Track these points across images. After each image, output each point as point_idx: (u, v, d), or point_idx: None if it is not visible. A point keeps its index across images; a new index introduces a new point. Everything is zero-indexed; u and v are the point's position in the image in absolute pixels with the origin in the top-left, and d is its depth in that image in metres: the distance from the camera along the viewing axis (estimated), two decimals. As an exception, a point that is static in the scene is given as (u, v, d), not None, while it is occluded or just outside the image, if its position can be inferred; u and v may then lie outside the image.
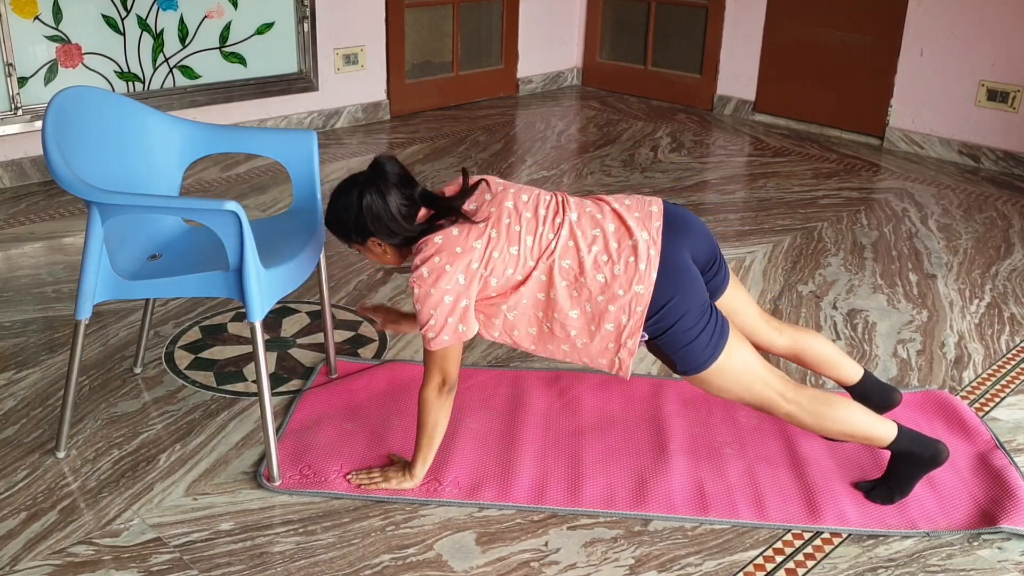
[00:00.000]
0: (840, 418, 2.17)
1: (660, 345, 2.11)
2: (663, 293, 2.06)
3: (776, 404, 2.17)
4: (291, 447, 2.36)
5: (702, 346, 2.09)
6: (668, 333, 2.08)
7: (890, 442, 2.18)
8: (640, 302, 2.05)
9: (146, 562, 2.00)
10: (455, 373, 2.14)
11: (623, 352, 2.10)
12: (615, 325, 2.07)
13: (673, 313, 2.06)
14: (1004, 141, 4.90)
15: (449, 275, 2.03)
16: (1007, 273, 3.60)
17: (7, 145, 4.19)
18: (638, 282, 2.05)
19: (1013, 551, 2.10)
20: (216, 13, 4.68)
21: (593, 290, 2.06)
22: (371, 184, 2.07)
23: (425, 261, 2.05)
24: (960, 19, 4.89)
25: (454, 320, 2.05)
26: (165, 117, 2.49)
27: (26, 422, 2.48)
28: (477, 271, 2.05)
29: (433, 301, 2.04)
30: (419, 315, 2.07)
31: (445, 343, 2.07)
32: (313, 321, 3.06)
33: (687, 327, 2.07)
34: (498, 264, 2.06)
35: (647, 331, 2.09)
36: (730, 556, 2.07)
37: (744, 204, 4.32)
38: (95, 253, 2.14)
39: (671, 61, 6.17)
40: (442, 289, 2.03)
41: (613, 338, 2.09)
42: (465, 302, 2.06)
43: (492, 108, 5.95)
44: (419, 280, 2.05)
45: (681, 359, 2.11)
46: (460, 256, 2.04)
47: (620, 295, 2.06)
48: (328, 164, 4.64)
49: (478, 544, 2.08)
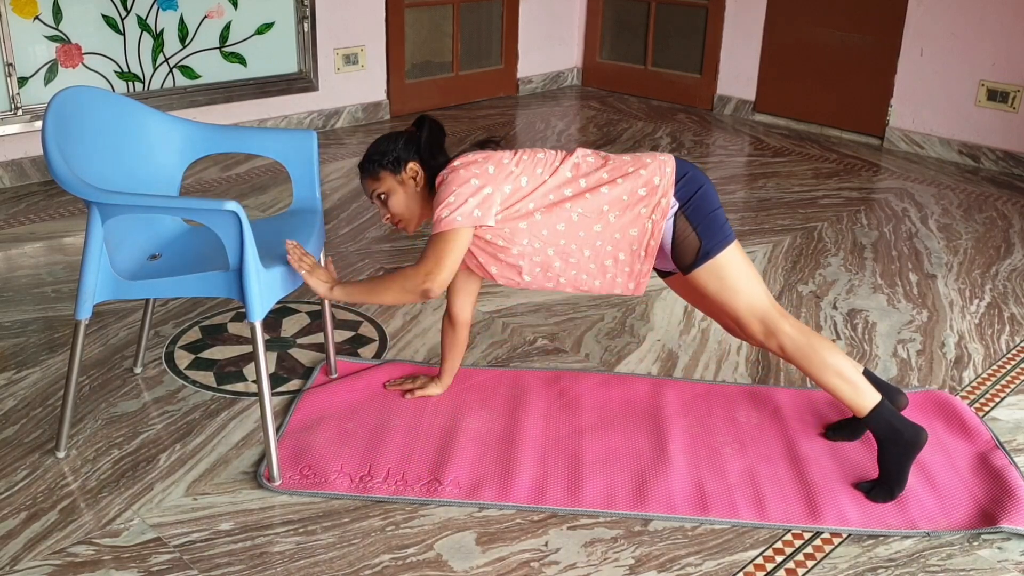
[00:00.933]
0: (830, 362, 2.21)
1: (689, 215, 2.21)
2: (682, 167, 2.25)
3: (777, 322, 2.24)
4: (291, 447, 2.36)
5: (722, 219, 2.24)
6: (695, 197, 2.21)
7: (872, 407, 2.20)
8: (669, 164, 2.22)
9: (146, 562, 2.00)
10: (446, 276, 2.19)
11: (656, 213, 2.19)
12: (648, 188, 2.20)
13: (695, 180, 2.23)
14: (1004, 141, 4.90)
15: (481, 164, 2.18)
16: (1007, 273, 3.60)
17: (7, 145, 4.19)
18: (661, 154, 2.26)
19: (1013, 551, 2.10)
20: (216, 13, 4.68)
21: (620, 164, 2.23)
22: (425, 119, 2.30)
23: (459, 157, 2.23)
24: (960, 19, 4.89)
25: (475, 201, 2.14)
26: (165, 117, 2.49)
27: (26, 422, 2.48)
28: (508, 166, 2.19)
29: (459, 180, 2.16)
30: (439, 197, 2.17)
31: (456, 224, 2.12)
32: (313, 321, 3.06)
33: (710, 195, 2.24)
34: (527, 165, 2.22)
35: (677, 196, 2.21)
36: (730, 556, 2.07)
37: (744, 204, 4.32)
38: (95, 253, 2.14)
39: (671, 61, 6.17)
40: (472, 172, 2.17)
41: (646, 201, 2.20)
42: (489, 189, 2.16)
43: (492, 108, 5.95)
44: (450, 168, 2.20)
45: (706, 229, 2.21)
46: (491, 154, 2.23)
47: (648, 162, 2.22)
48: (328, 164, 4.64)
49: (478, 544, 2.08)
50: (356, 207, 4.09)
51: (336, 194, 4.26)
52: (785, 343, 2.24)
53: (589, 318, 3.14)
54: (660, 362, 2.87)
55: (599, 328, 3.08)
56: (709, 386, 2.72)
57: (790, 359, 2.27)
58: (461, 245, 2.17)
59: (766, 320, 2.25)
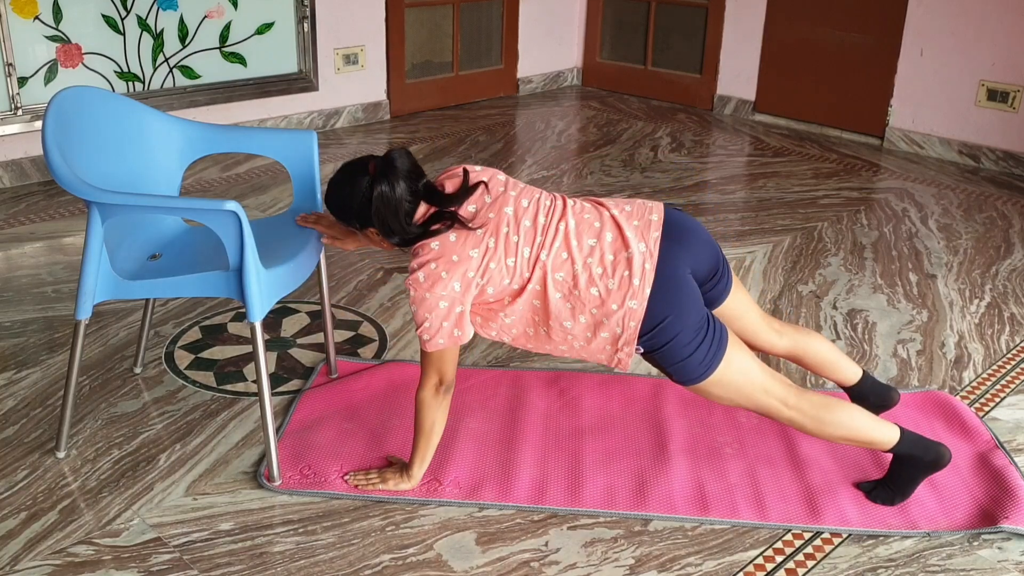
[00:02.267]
0: (842, 423, 2.17)
1: (656, 358, 2.11)
2: (658, 311, 2.04)
3: (777, 411, 2.17)
4: (291, 447, 2.36)
5: (698, 361, 2.08)
6: (663, 349, 2.07)
7: (892, 446, 2.18)
8: (634, 317, 2.04)
9: (146, 562, 2.00)
10: (452, 373, 2.14)
11: (621, 354, 2.10)
12: (610, 334, 2.07)
13: (668, 332, 2.05)
14: (1004, 141, 4.90)
15: (445, 282, 2.02)
16: (1007, 273, 3.60)
17: (7, 145, 4.19)
18: (631, 297, 2.04)
19: (1013, 551, 2.10)
20: (216, 13, 4.68)
21: (587, 303, 2.06)
22: (383, 177, 2.04)
23: (422, 266, 2.04)
24: (960, 19, 4.89)
25: (449, 324, 2.05)
26: (165, 117, 2.49)
27: (26, 422, 2.48)
28: (473, 279, 2.04)
29: (429, 305, 2.04)
30: (415, 317, 2.07)
31: (441, 346, 2.07)
32: (313, 321, 3.06)
33: (682, 344, 2.06)
34: (495, 275, 2.05)
35: (642, 345, 2.08)
36: (730, 556, 2.07)
37: (744, 204, 4.32)
38: (95, 253, 2.14)
39: (671, 61, 6.17)
40: (438, 295, 2.03)
41: (610, 343, 2.09)
42: (460, 308, 2.05)
43: (492, 108, 5.95)
44: (415, 284, 2.04)
45: (677, 372, 2.11)
46: (456, 264, 2.03)
47: (614, 309, 2.05)
48: (328, 164, 4.64)
49: (478, 544, 2.08)
50: (356, 207, 4.08)
51: (336, 194, 4.25)
52: (787, 424, 2.21)
53: (589, 318, 3.14)
54: (660, 362, 2.87)
55: (599, 328, 3.08)
56: (709, 386, 2.71)
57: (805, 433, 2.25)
58: (451, 353, 2.11)
59: (766, 412, 2.19)
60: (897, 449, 2.19)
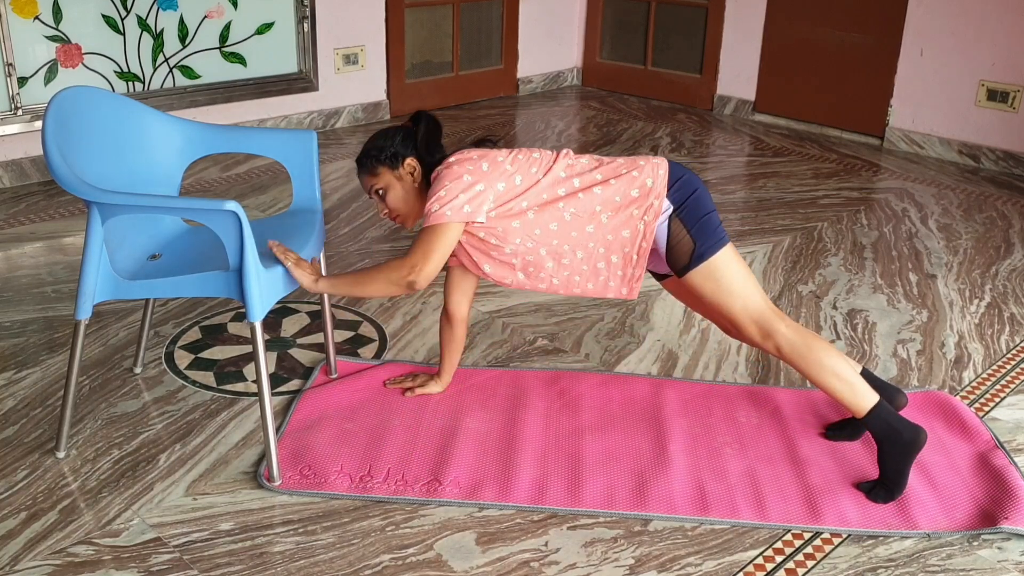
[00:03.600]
0: (826, 363, 2.21)
1: (683, 217, 2.21)
2: (677, 171, 2.26)
3: (774, 323, 2.24)
4: (291, 447, 2.36)
5: (716, 222, 2.24)
6: (689, 200, 2.22)
7: (871, 406, 2.20)
8: (661, 166, 2.23)
9: (146, 562, 2.00)
10: (432, 269, 2.20)
11: (649, 214, 2.20)
12: (640, 190, 2.21)
13: (689, 184, 2.24)
14: (1004, 141, 4.90)
15: (475, 161, 2.21)
16: (1007, 273, 3.60)
17: (7, 145, 4.19)
18: (654, 157, 2.27)
19: (1013, 551, 2.10)
20: (216, 13, 4.68)
21: (614, 166, 2.24)
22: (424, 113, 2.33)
23: (455, 154, 2.24)
24: (960, 19, 4.89)
25: (465, 197, 2.15)
26: (165, 117, 2.49)
27: (26, 422, 2.48)
28: (502, 164, 2.21)
29: (452, 176, 2.17)
30: (432, 192, 2.19)
31: (446, 218, 2.14)
32: (313, 321, 3.06)
33: (704, 198, 2.25)
34: (522, 163, 2.23)
35: (671, 198, 2.22)
36: (730, 556, 2.07)
37: (744, 204, 4.32)
38: (95, 253, 2.14)
39: (671, 61, 6.17)
40: (465, 168, 2.18)
41: (639, 203, 2.20)
42: (482, 186, 2.16)
43: (492, 108, 5.95)
44: (445, 165, 2.21)
45: (700, 232, 2.21)
46: (487, 152, 2.23)
47: (642, 164, 2.23)
48: (328, 164, 4.64)
49: (478, 544, 2.08)
50: (356, 207, 4.09)
51: (336, 194, 4.26)
52: (781, 344, 2.24)
53: (589, 318, 3.14)
54: (660, 362, 2.87)
55: (599, 328, 3.08)
56: (709, 386, 2.72)
57: (787, 360, 2.27)
58: (450, 240, 2.18)
59: (762, 322, 2.25)
60: (875, 413, 2.20)
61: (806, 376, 2.27)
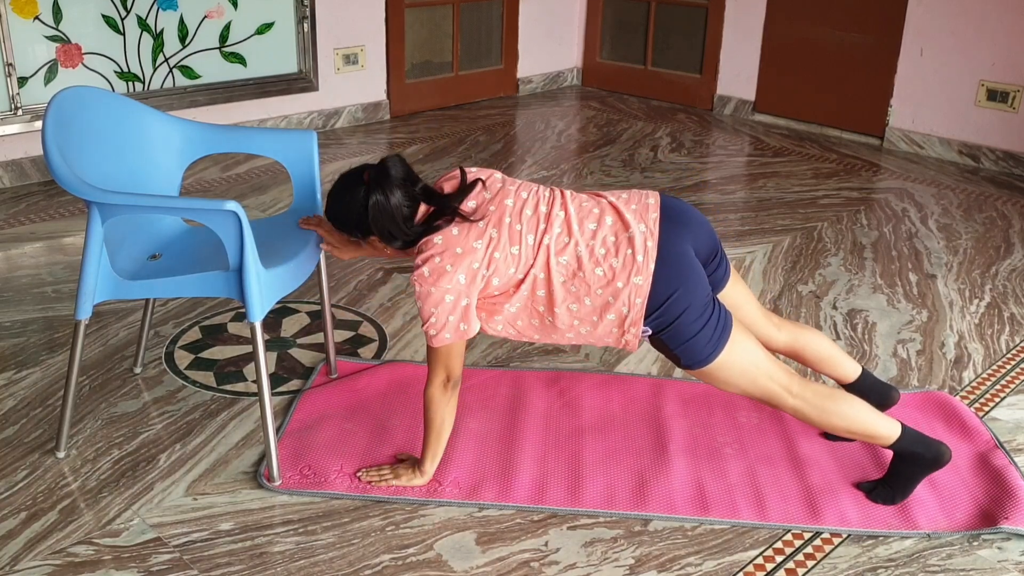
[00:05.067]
0: (845, 414, 2.18)
1: (663, 339, 2.12)
2: (664, 286, 2.06)
3: (781, 399, 2.17)
4: (291, 447, 2.36)
5: (705, 340, 2.09)
6: (671, 328, 2.08)
7: (893, 441, 2.18)
8: (639, 293, 2.06)
9: (146, 562, 2.00)
10: (459, 369, 2.15)
11: (628, 335, 2.12)
12: (616, 315, 2.09)
13: (676, 307, 2.07)
14: (1004, 141, 4.90)
15: (450, 275, 2.03)
16: (1007, 273, 3.60)
17: (7, 145, 4.19)
18: (636, 273, 2.05)
19: (1013, 551, 2.10)
20: (216, 13, 4.68)
21: (592, 284, 2.07)
22: (377, 186, 2.07)
23: (426, 261, 2.05)
24: (960, 19, 4.89)
25: (455, 318, 2.06)
26: (165, 117, 2.49)
27: (26, 422, 2.48)
28: (479, 271, 2.05)
29: (434, 300, 2.05)
30: (421, 312, 2.08)
31: (447, 341, 2.08)
32: (313, 321, 3.06)
33: (690, 321, 2.08)
34: (500, 264, 2.07)
35: (649, 325, 2.10)
36: (730, 556, 2.07)
37: (744, 204, 4.32)
38: (95, 253, 2.14)
39: (671, 61, 6.17)
40: (443, 288, 2.04)
41: (616, 325, 2.11)
42: (466, 301, 2.06)
43: (492, 108, 5.95)
44: (420, 279, 2.05)
45: (684, 354, 2.12)
46: (461, 257, 2.04)
47: (620, 287, 2.06)
48: (328, 164, 4.64)
49: (478, 544, 2.08)
50: (356, 207, 4.08)
51: (336, 194, 4.25)
52: (791, 414, 2.22)
53: (589, 318, 3.14)
54: (660, 362, 2.87)
55: (599, 328, 3.08)
56: (709, 386, 2.71)
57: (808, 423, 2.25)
58: (458, 348, 2.12)
59: (770, 400, 2.20)
60: (898, 445, 2.19)
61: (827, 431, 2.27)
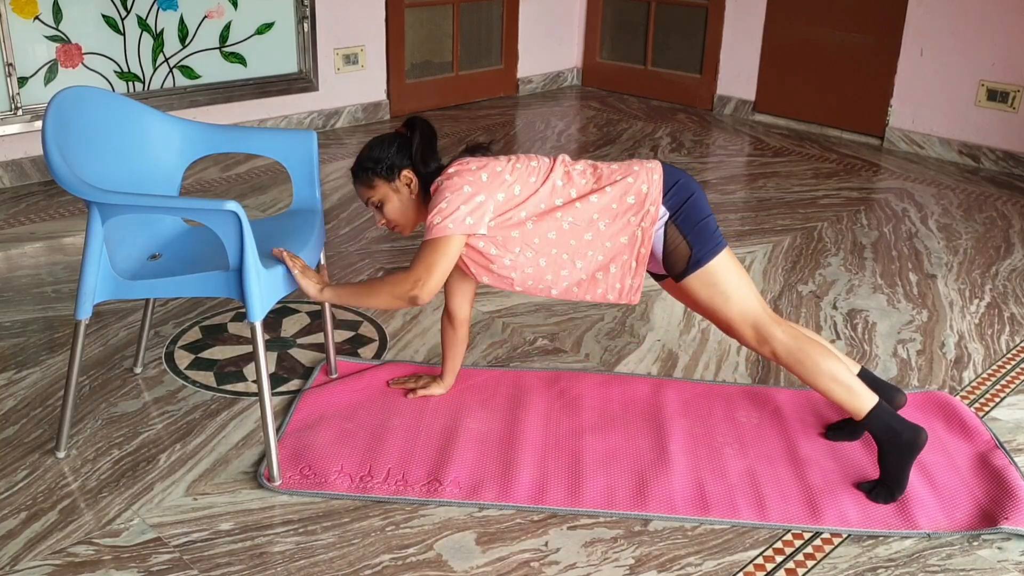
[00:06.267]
0: (823, 367, 2.22)
1: (679, 223, 2.21)
2: (672, 175, 2.25)
3: (770, 329, 2.24)
4: (291, 447, 2.36)
5: (713, 226, 2.25)
6: (685, 206, 2.22)
7: (870, 408, 2.20)
8: (656, 170, 2.23)
9: (146, 562, 2.00)
10: (435, 283, 2.19)
11: (646, 220, 2.20)
12: (636, 197, 2.21)
13: (685, 188, 2.24)
14: (1004, 141, 4.90)
15: (475, 172, 2.18)
16: (1007, 273, 3.60)
17: (7, 145, 4.19)
18: (648, 161, 2.27)
19: (1013, 551, 2.10)
20: (216, 13, 4.68)
21: (609, 174, 2.24)
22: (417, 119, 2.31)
23: (454, 163, 2.23)
24: (960, 19, 4.89)
25: (466, 209, 2.14)
26: (165, 117, 2.49)
27: (26, 422, 2.48)
28: (502, 174, 2.20)
29: (452, 187, 2.16)
30: (433, 204, 2.18)
31: (448, 231, 2.13)
32: (313, 321, 3.06)
33: (700, 203, 2.25)
34: (522, 173, 2.22)
35: (666, 204, 2.22)
36: (730, 556, 2.07)
37: (744, 204, 4.32)
38: (95, 253, 2.14)
39: (671, 61, 6.17)
40: (465, 180, 2.17)
41: (635, 209, 2.20)
42: (482, 197, 2.16)
43: (492, 108, 5.95)
44: (445, 176, 2.19)
45: (697, 238, 2.22)
46: (486, 161, 2.23)
47: (636, 170, 2.24)
48: (328, 164, 4.64)
49: (478, 544, 2.08)
50: (356, 207, 4.09)
51: (336, 194, 4.26)
52: (777, 349, 2.25)
53: (589, 318, 3.14)
54: (660, 362, 2.87)
55: (599, 328, 3.08)
56: (709, 386, 2.72)
57: (783, 364, 2.28)
58: (452, 252, 2.17)
59: (758, 326, 2.26)
60: (873, 418, 2.20)
61: (803, 380, 2.27)
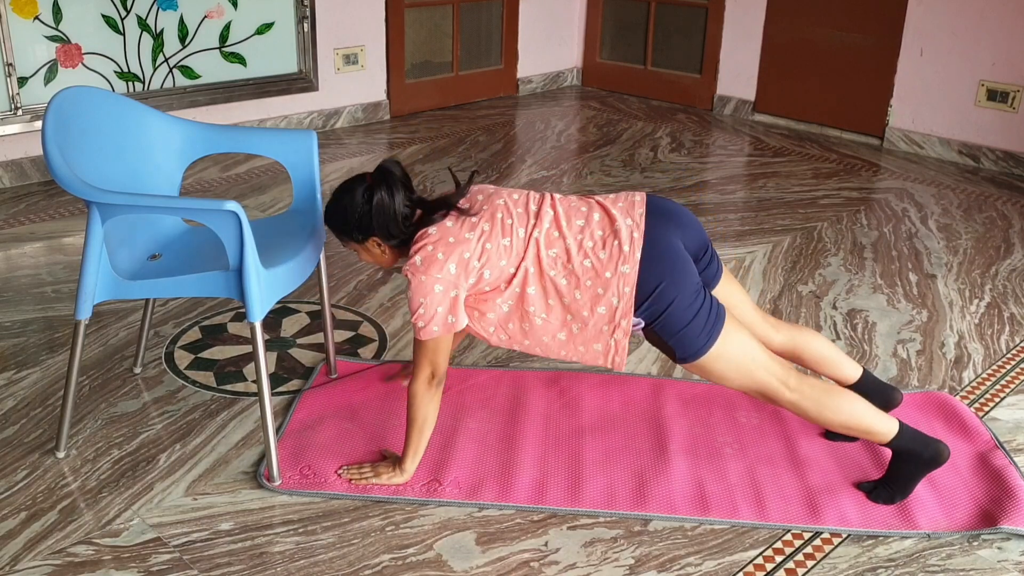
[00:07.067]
0: (842, 409, 2.18)
1: (657, 331, 2.13)
2: (652, 275, 2.10)
3: (778, 392, 2.18)
4: (291, 447, 2.36)
5: (698, 330, 2.10)
6: (663, 317, 2.10)
7: (891, 438, 2.19)
8: (627, 282, 2.09)
9: (146, 562, 2.00)
10: (444, 366, 2.16)
11: (618, 332, 2.12)
12: (607, 308, 2.11)
13: (665, 296, 2.09)
14: (1004, 141, 4.90)
15: (441, 263, 2.07)
16: (1007, 273, 3.60)
17: (7, 145, 4.19)
18: (623, 263, 2.10)
19: (1013, 551, 2.10)
20: (216, 13, 4.68)
21: (581, 276, 2.11)
22: (380, 183, 2.13)
23: (419, 250, 2.09)
24: (960, 19, 4.89)
25: (444, 310, 2.08)
26: (165, 117, 2.49)
27: (26, 422, 2.48)
28: (470, 261, 2.09)
29: (424, 289, 2.07)
30: (411, 303, 2.11)
31: (435, 334, 2.10)
32: (313, 321, 3.06)
33: (681, 309, 2.10)
34: (492, 255, 2.11)
35: (641, 316, 2.12)
36: (730, 556, 2.07)
37: (744, 204, 4.32)
38: (95, 253, 2.14)
39: (671, 61, 6.17)
40: (433, 277, 2.06)
41: (607, 320, 2.12)
42: (455, 292, 2.08)
43: (492, 108, 5.95)
44: (412, 268, 2.09)
45: (679, 344, 2.13)
46: (454, 246, 2.08)
47: (608, 277, 2.10)
48: (328, 164, 4.64)
49: (478, 544, 2.08)
50: (356, 207, 4.08)
51: (336, 194, 4.26)
52: (787, 408, 2.22)
53: (589, 318, 3.14)
54: (660, 362, 2.87)
55: (599, 328, 3.08)
56: (709, 386, 2.72)
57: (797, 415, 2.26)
58: (445, 343, 2.13)
59: (765, 394, 2.20)
60: (896, 443, 2.19)
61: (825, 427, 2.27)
